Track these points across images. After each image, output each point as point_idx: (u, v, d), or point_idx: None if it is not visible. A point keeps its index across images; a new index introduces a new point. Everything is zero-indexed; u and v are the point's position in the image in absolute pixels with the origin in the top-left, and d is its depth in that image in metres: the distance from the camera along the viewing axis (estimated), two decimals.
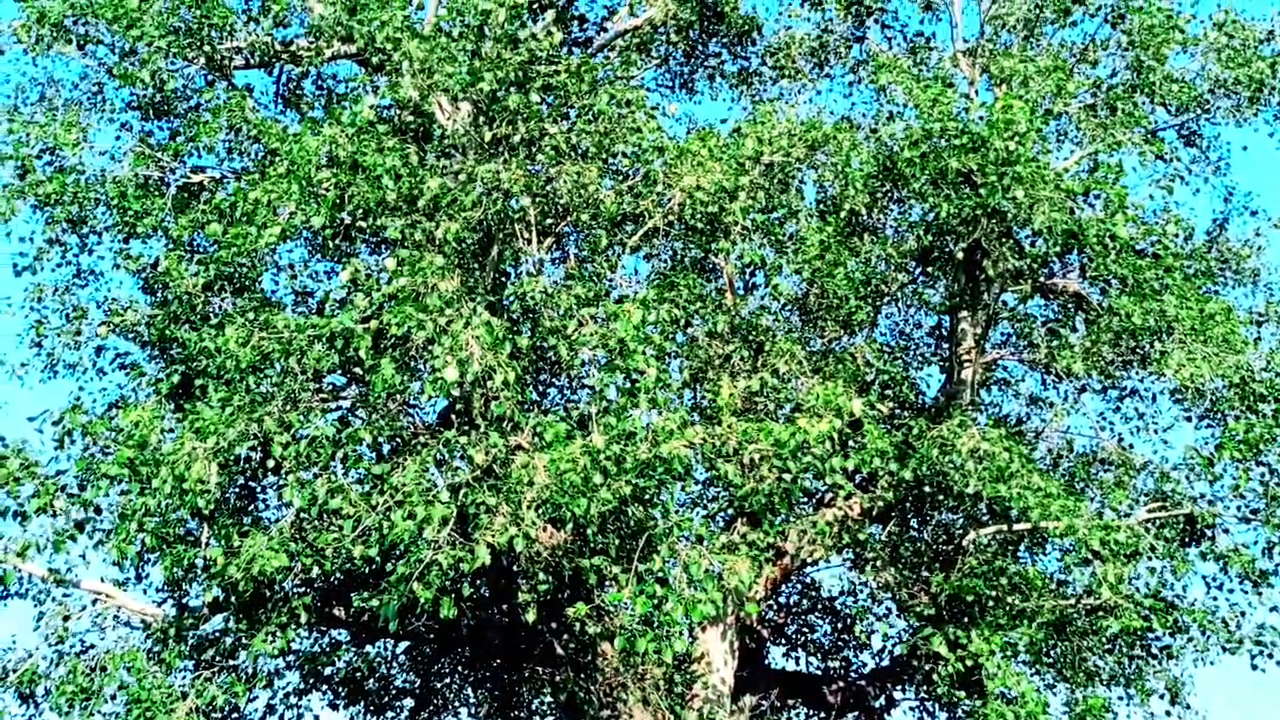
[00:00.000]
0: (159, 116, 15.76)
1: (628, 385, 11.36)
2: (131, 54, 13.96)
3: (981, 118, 12.91)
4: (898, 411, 14.91)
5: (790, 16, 19.19)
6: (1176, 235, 13.61)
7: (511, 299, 12.57)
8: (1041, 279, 14.69)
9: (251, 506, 13.12)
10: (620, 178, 13.64)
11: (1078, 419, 19.11)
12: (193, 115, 15.06)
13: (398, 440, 12.49)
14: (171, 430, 11.58)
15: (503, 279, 14.63)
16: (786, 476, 11.44)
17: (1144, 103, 14.86)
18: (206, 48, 14.07)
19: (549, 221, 13.72)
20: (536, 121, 12.36)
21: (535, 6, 16.27)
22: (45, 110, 16.07)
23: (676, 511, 11.42)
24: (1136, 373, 14.93)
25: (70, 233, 14.35)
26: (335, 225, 12.49)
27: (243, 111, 13.88)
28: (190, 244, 14.23)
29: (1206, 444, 14.21)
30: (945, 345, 16.16)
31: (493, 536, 10.32)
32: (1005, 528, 14.29)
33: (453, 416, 13.02)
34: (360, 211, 12.28)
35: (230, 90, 14.80)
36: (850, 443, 12.43)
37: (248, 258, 12.73)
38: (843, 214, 15.13)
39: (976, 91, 15.90)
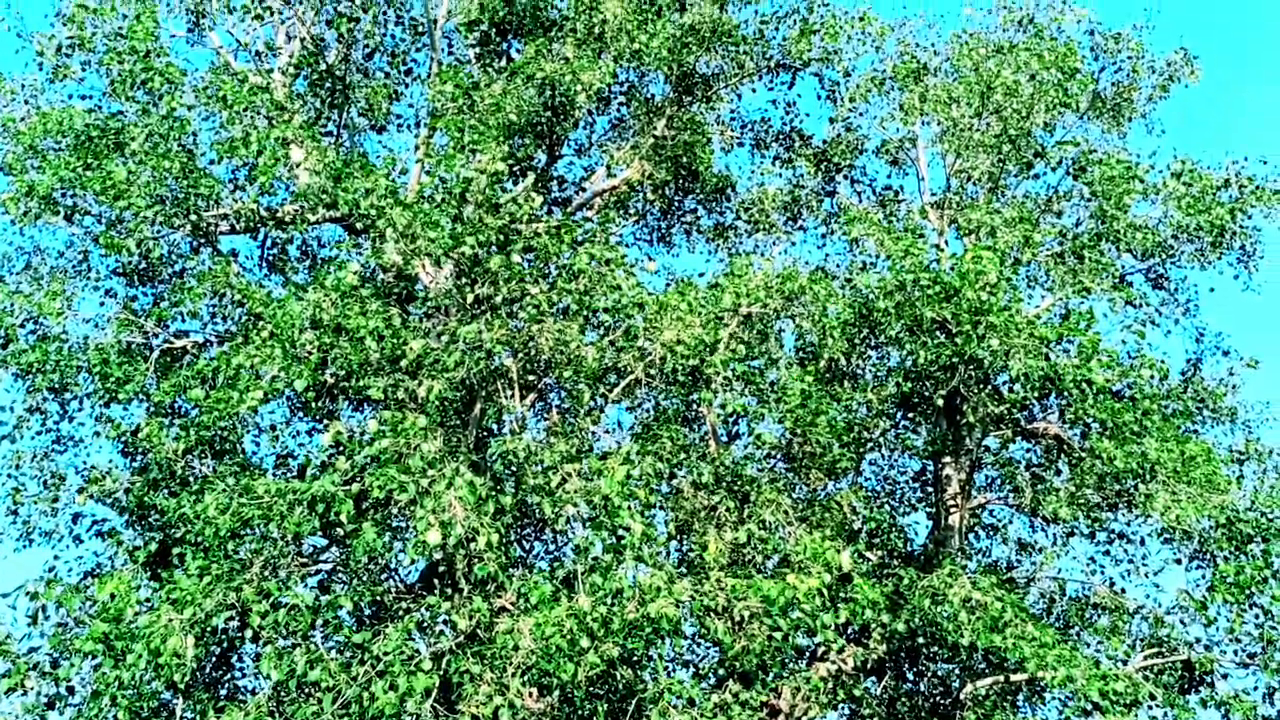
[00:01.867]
0: (143, 283, 15.93)
1: (613, 542, 11.26)
2: (119, 223, 14.18)
3: (952, 268, 13.21)
4: (887, 560, 14.76)
5: (763, 173, 19.82)
6: (1152, 377, 13.79)
7: (495, 457, 12.53)
8: (1022, 423, 14.78)
9: (228, 679, 12.74)
10: (601, 333, 13.81)
11: (1067, 563, 19.02)
12: (177, 281, 15.25)
13: (379, 605, 12.24)
14: (148, 601, 11.32)
15: (486, 436, 14.63)
16: (777, 634, 11.22)
17: (1110, 249, 15.28)
18: (193, 216, 14.32)
19: (531, 378, 13.82)
20: (518, 281, 12.56)
21: (515, 169, 16.74)
22: (30, 279, 16.18)
23: (666, 672, 11.16)
24: (1123, 515, 14.89)
25: (51, 400, 14.30)
26: (318, 386, 12.53)
27: (227, 277, 14.04)
28: (172, 408, 14.20)
29: (1198, 586, 14.10)
30: (930, 491, 16.13)
31: (477, 707, 10.01)
32: (1002, 679, 14.00)
33: (434, 579, 12.80)
34: (343, 372, 12.35)
35: (215, 256, 15.02)
36: (840, 596, 12.26)
37: (229, 421, 12.71)
38: (822, 362, 15.30)
39: (946, 242, 16.33)
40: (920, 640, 13.70)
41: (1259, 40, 67.94)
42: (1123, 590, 16.02)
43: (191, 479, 13.22)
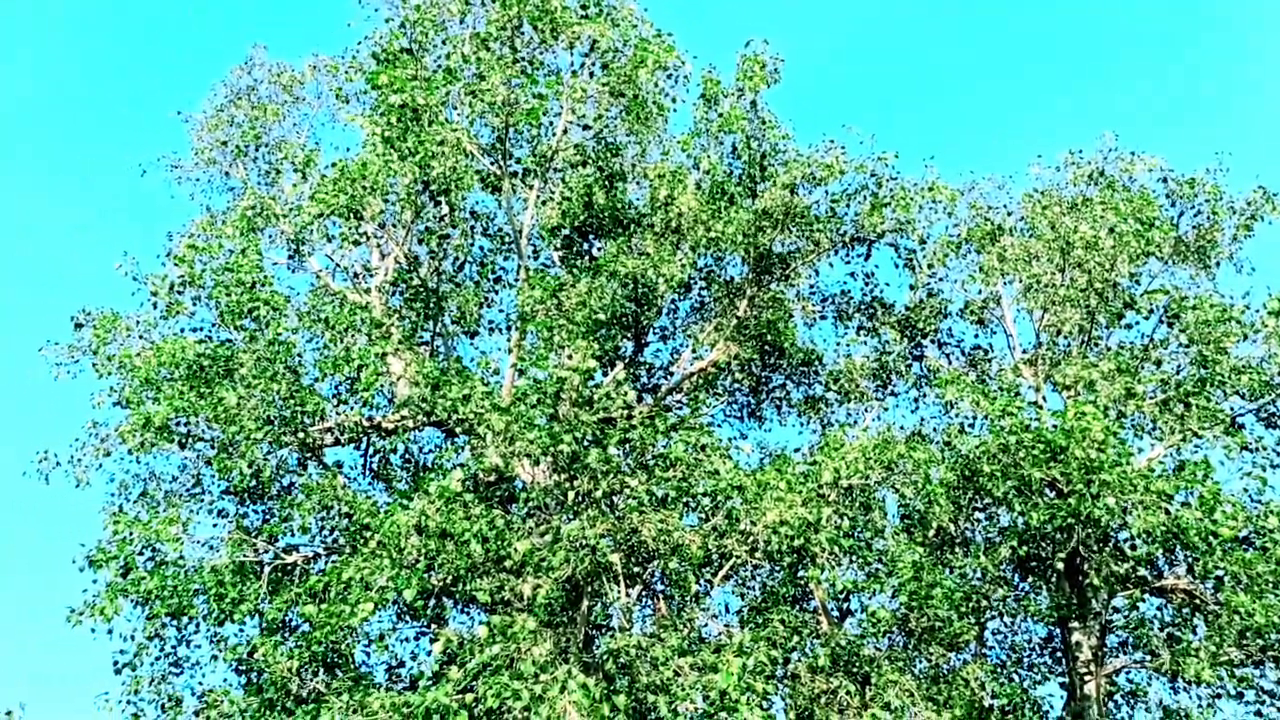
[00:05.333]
0: (254, 500, 16.38)
1: None
2: (230, 445, 14.69)
3: (1056, 426, 12.96)
4: None
5: (848, 344, 19.90)
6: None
7: (605, 656, 12.35)
8: (1149, 580, 14.13)
9: None
10: (702, 518, 13.74)
11: None
12: (286, 497, 15.64)
13: None
14: None
15: (593, 633, 14.45)
16: None
17: (1216, 394, 14.88)
18: (300, 433, 14.82)
19: (635, 569, 13.72)
20: (616, 474, 12.64)
21: (604, 360, 17.10)
22: (146, 505, 16.74)
23: None
24: (1271, 672, 13.95)
25: (169, 625, 14.54)
26: (425, 592, 12.60)
27: (334, 489, 14.39)
28: (284, 624, 14.34)
29: None
30: (1061, 658, 15.35)
31: None
32: None
33: None
34: (450, 577, 12.41)
35: (322, 469, 15.44)
36: None
37: (341, 634, 12.77)
38: (930, 530, 14.94)
39: (1044, 398, 16.07)
40: None
41: None
42: None
43: (306, 696, 13.20)
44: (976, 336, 19.69)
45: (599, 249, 18.09)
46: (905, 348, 19.54)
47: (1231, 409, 15.45)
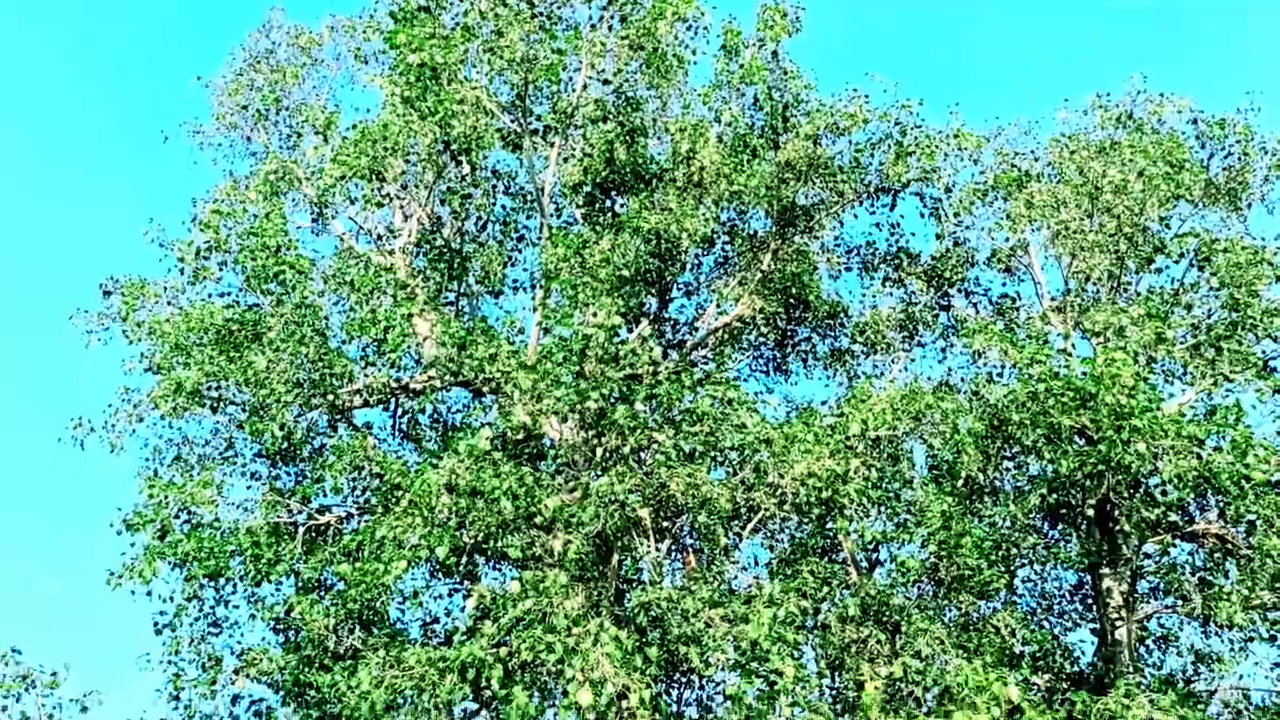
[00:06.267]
0: (286, 462, 16.57)
1: (765, 687, 11.00)
2: (261, 408, 14.83)
3: (1085, 373, 12.87)
4: (1055, 684, 14.00)
5: (874, 295, 19.78)
6: None
7: (637, 609, 12.47)
8: (1180, 525, 14.07)
9: None
10: (730, 471, 13.78)
11: (1249, 668, 17.72)
12: (318, 458, 15.80)
13: None
14: None
15: (624, 587, 14.58)
16: None
17: (1248, 337, 14.71)
18: (329, 395, 14.95)
19: (665, 524, 13.81)
20: (644, 430, 12.68)
21: (628, 317, 17.09)
22: (181, 469, 16.96)
23: None
24: None
25: (207, 586, 14.78)
26: (457, 549, 12.73)
27: (364, 450, 14.52)
28: (319, 584, 14.56)
29: None
30: (1092, 605, 15.36)
31: None
32: None
33: None
34: (481, 534, 12.54)
35: (352, 431, 15.59)
36: None
37: (375, 592, 12.94)
38: (959, 480, 14.91)
39: (1073, 345, 15.94)
40: None
41: None
42: None
43: (343, 652, 13.43)
44: (1004, 285, 19.52)
45: (621, 205, 18.02)
46: (932, 298, 19.40)
47: (1263, 352, 15.27)
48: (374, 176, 15.76)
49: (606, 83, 17.23)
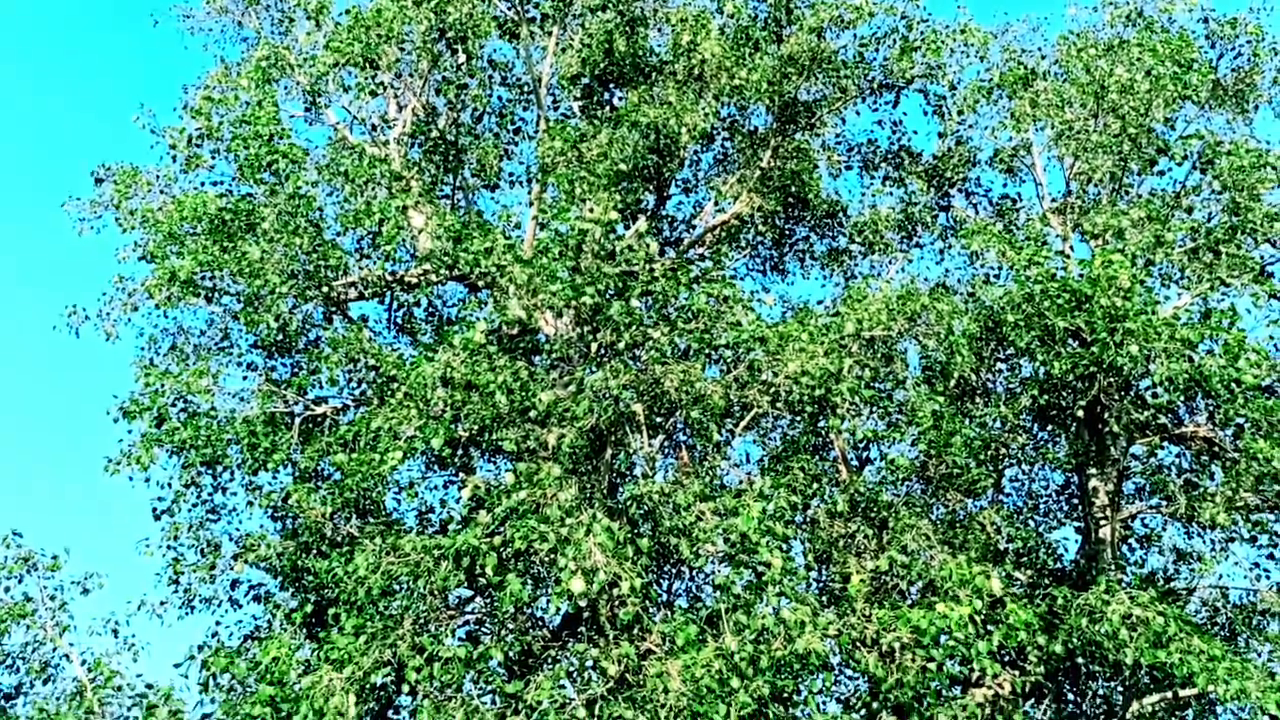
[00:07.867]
0: (282, 354, 16.59)
1: (754, 579, 11.23)
2: (256, 299, 14.79)
3: (1082, 274, 12.84)
4: (1037, 579, 14.31)
5: (874, 194, 19.62)
6: None
7: (629, 501, 12.64)
8: (1169, 428, 14.21)
9: None
10: (724, 369, 13.84)
11: (1229, 569, 18.08)
12: (313, 350, 15.83)
13: (527, 653, 12.42)
14: (308, 662, 11.72)
15: (618, 481, 14.76)
16: (930, 665, 10.98)
17: (1247, 242, 14.64)
18: (324, 287, 14.89)
19: (658, 419, 13.92)
20: (639, 326, 12.70)
21: (626, 214, 16.95)
22: (176, 358, 17.00)
23: (818, 707, 11.03)
24: None
25: (205, 473, 14.95)
26: (452, 442, 12.85)
27: (360, 343, 14.52)
28: (316, 473, 14.72)
29: None
30: (1077, 504, 15.60)
31: None
32: (1170, 695, 13.39)
33: (578, 625, 12.93)
34: (476, 427, 12.65)
35: (347, 323, 15.57)
36: (993, 620, 11.92)
37: (372, 482, 13.09)
38: (951, 380, 15.00)
39: (1071, 247, 15.88)
40: (1080, 660, 13.20)
41: None
42: None
43: (340, 540, 13.65)
44: (1005, 185, 19.35)
45: (620, 98, 17.71)
46: (932, 198, 19.25)
47: (1261, 256, 15.23)
48: (368, 64, 15.44)
49: None
